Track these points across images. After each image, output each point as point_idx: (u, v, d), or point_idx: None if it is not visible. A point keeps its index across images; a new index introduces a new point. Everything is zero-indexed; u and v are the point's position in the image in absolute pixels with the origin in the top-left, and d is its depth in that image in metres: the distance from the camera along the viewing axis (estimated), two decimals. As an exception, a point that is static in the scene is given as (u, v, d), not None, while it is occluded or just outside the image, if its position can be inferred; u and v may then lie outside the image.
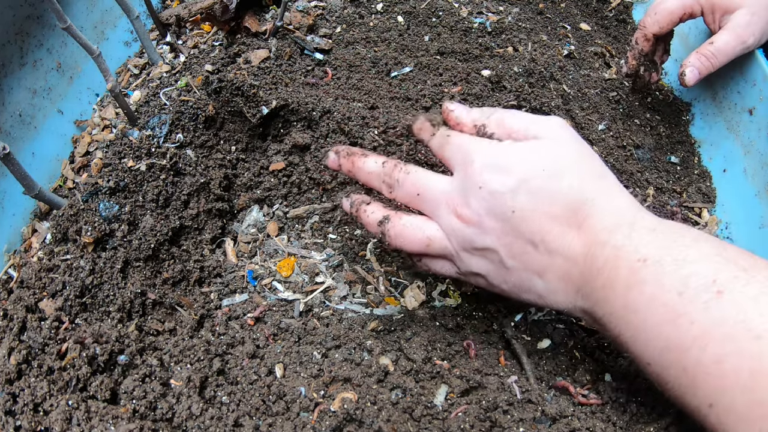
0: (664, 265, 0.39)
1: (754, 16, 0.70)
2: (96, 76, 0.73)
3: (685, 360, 0.37)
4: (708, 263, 0.39)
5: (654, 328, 0.39)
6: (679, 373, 0.38)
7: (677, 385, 0.39)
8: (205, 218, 0.63)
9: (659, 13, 0.74)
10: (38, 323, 0.49)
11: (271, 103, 0.65)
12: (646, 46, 0.76)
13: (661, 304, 0.38)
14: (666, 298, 0.38)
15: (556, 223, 0.43)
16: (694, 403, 0.38)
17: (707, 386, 0.36)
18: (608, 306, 0.42)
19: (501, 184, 0.44)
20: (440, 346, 0.54)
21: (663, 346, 0.39)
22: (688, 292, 0.37)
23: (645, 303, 0.39)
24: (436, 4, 0.83)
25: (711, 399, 0.36)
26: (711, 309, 0.36)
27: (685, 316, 0.37)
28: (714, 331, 0.36)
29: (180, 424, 0.46)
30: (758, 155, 0.71)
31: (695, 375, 0.37)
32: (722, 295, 0.36)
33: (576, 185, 0.43)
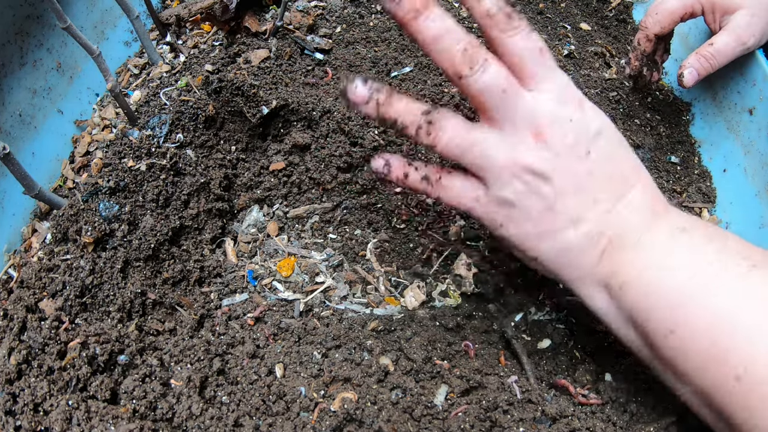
0: (703, 237, 0.41)
1: (755, 17, 0.70)
2: (96, 76, 0.73)
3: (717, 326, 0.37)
4: (741, 245, 0.41)
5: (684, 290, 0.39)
6: (707, 344, 0.38)
7: (701, 355, 0.38)
8: (205, 218, 0.63)
9: (660, 13, 0.74)
10: (38, 323, 0.49)
11: (271, 103, 0.65)
12: (648, 46, 0.76)
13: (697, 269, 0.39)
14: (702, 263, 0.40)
15: (615, 183, 0.43)
16: (713, 376, 0.38)
17: (738, 354, 0.36)
18: (634, 269, 0.41)
19: (589, 122, 0.43)
20: (440, 346, 0.54)
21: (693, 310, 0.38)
22: (725, 261, 0.39)
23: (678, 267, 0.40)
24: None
25: (739, 371, 0.36)
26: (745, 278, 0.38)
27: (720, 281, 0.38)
28: (746, 301, 0.37)
29: (180, 424, 0.46)
30: (758, 155, 0.71)
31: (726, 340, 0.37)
32: (755, 268, 0.38)
33: (635, 160, 0.45)
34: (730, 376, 0.36)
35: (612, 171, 0.43)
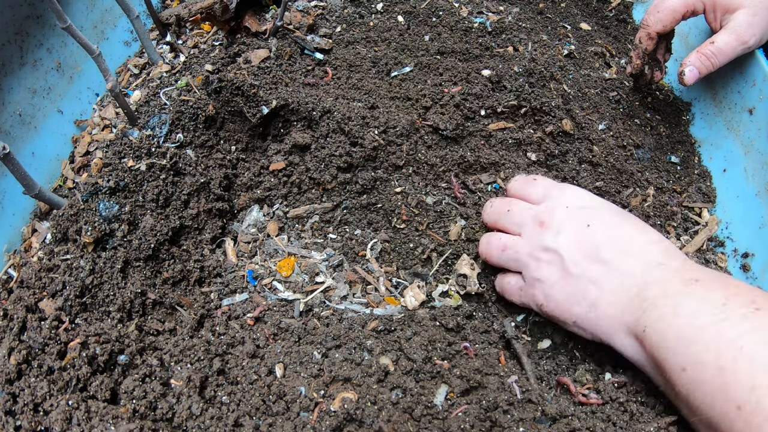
0: (713, 283, 0.46)
1: (756, 17, 0.70)
2: (96, 75, 0.74)
3: (722, 360, 0.41)
4: (748, 290, 0.46)
5: (697, 330, 0.43)
6: (714, 373, 0.41)
7: (710, 385, 0.41)
8: (205, 218, 0.63)
9: (662, 11, 0.74)
10: (38, 323, 0.49)
11: (271, 103, 0.65)
12: (650, 45, 0.76)
13: (706, 311, 0.44)
14: (712, 306, 0.44)
15: (620, 241, 0.52)
16: (724, 406, 0.41)
17: (738, 386, 0.40)
18: (654, 315, 0.46)
19: (585, 204, 0.56)
20: (440, 346, 0.54)
21: (702, 348, 0.42)
22: (731, 303, 0.43)
23: (691, 310, 0.44)
24: (436, 4, 0.82)
25: (740, 401, 0.39)
26: (749, 318, 0.42)
27: (726, 321, 0.42)
28: (750, 336, 0.41)
29: (180, 424, 0.46)
30: (758, 155, 0.71)
31: (728, 373, 0.40)
32: (759, 311, 0.42)
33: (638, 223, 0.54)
34: (732, 406, 0.40)
35: (614, 234, 0.52)
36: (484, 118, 0.70)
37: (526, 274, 0.55)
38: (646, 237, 0.52)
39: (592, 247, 0.52)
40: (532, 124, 0.71)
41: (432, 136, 0.67)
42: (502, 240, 0.59)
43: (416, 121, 0.67)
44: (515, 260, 0.57)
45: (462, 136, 0.69)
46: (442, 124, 0.67)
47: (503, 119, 0.71)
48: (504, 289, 0.59)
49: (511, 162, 0.69)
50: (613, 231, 0.53)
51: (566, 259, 0.52)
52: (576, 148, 0.71)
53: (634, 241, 0.52)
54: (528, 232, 0.56)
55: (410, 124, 0.66)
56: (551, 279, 0.53)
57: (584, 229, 0.53)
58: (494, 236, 0.60)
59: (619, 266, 0.50)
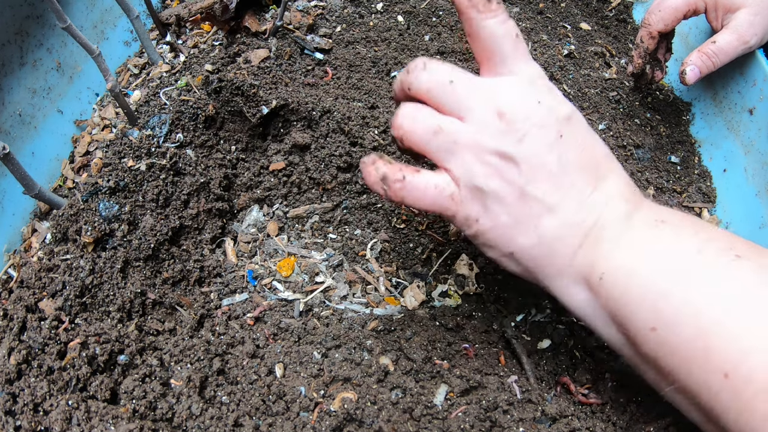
0: (683, 228, 0.39)
1: (757, 17, 0.70)
2: (96, 75, 0.73)
3: (702, 319, 0.35)
4: (724, 235, 0.39)
5: (669, 283, 0.37)
6: (693, 334, 0.35)
7: (687, 349, 0.36)
8: (205, 218, 0.63)
9: (664, 10, 0.73)
10: (38, 323, 0.49)
11: (271, 103, 0.65)
12: (652, 44, 0.76)
13: (679, 259, 0.37)
14: (684, 254, 0.37)
15: (588, 169, 0.41)
16: (706, 373, 0.35)
17: (726, 350, 0.34)
18: (614, 261, 0.39)
19: (558, 106, 0.41)
20: (440, 345, 0.54)
21: (678, 305, 0.36)
22: (707, 251, 0.37)
23: (660, 257, 0.37)
24: (436, 4, 0.82)
25: (728, 367, 0.34)
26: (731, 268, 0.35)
27: (704, 271, 0.36)
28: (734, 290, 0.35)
29: (180, 424, 0.46)
30: (758, 155, 0.71)
31: (712, 335, 0.34)
32: (741, 259, 0.36)
33: (606, 148, 0.44)
34: (717, 373, 0.34)
35: (585, 158, 0.41)
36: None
37: (465, 179, 0.41)
38: (613, 169, 0.43)
39: (560, 166, 0.40)
40: (532, 124, 0.71)
41: (432, 136, 0.67)
42: (436, 118, 0.41)
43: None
44: (451, 152, 0.41)
45: (462, 136, 0.69)
46: (442, 124, 0.67)
47: (503, 119, 0.71)
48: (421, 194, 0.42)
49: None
50: (587, 151, 0.41)
51: (524, 172, 0.40)
52: (576, 148, 0.71)
53: (602, 166, 0.42)
54: (477, 120, 0.40)
55: (410, 124, 0.66)
56: (500, 194, 0.40)
57: (556, 140, 0.40)
58: (424, 109, 0.41)
59: (584, 196, 0.40)
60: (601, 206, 0.41)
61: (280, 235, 0.65)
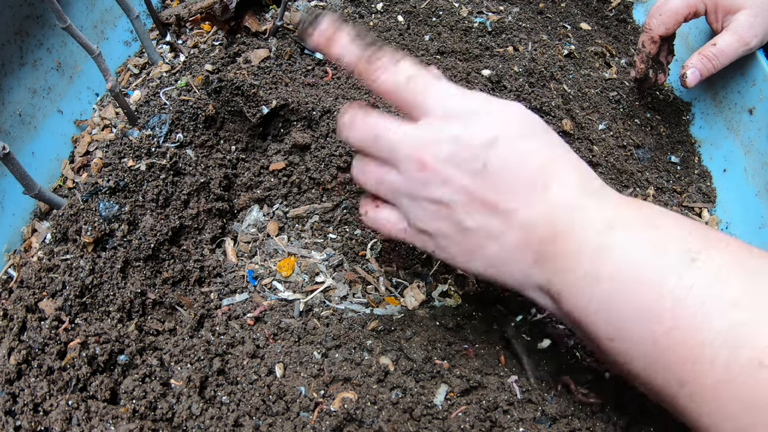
0: (635, 228, 0.38)
1: (758, 18, 0.70)
2: (96, 75, 0.73)
3: (657, 330, 0.34)
4: (680, 231, 0.37)
5: (623, 295, 0.36)
6: (649, 346, 0.35)
7: (645, 361, 0.36)
8: (205, 218, 0.63)
9: (664, 14, 0.73)
10: (38, 323, 0.49)
11: (271, 103, 0.65)
12: (654, 48, 0.76)
13: (632, 268, 0.36)
14: (637, 263, 0.36)
15: (522, 186, 0.41)
16: (661, 381, 0.35)
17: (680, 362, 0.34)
18: (569, 275, 0.39)
19: (476, 135, 0.41)
20: (440, 345, 0.54)
21: (632, 316, 0.36)
22: (664, 258, 0.36)
23: (613, 268, 0.37)
24: (436, 4, 0.82)
25: (684, 377, 0.34)
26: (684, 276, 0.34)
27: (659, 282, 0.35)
28: (689, 300, 0.34)
29: (180, 424, 0.46)
30: (758, 155, 0.71)
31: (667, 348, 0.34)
32: (697, 262, 0.35)
33: (546, 149, 0.42)
34: (673, 383, 0.35)
35: (518, 175, 0.41)
36: (484, 118, 0.70)
37: (410, 220, 0.45)
38: (555, 170, 0.41)
39: (490, 194, 0.41)
40: (532, 124, 0.71)
41: (432, 136, 0.67)
42: (377, 170, 0.45)
43: (416, 121, 0.67)
44: (394, 198, 0.45)
45: (462, 136, 0.69)
46: (442, 124, 0.67)
47: (503, 119, 0.71)
48: (380, 226, 0.48)
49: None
50: (516, 171, 0.41)
51: (458, 212, 0.41)
52: (576, 148, 0.71)
53: (539, 180, 0.41)
54: (405, 171, 0.43)
55: (410, 124, 0.66)
56: (442, 232, 0.43)
57: (479, 172, 0.40)
58: (370, 165, 0.46)
59: (521, 216, 0.40)
60: (544, 221, 0.40)
61: (280, 235, 0.65)
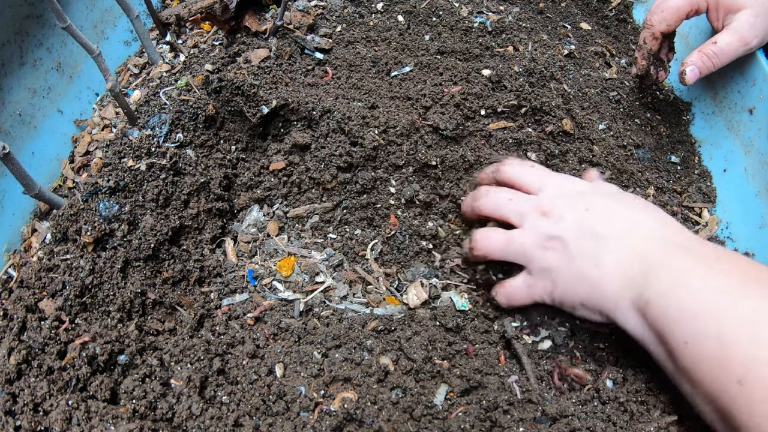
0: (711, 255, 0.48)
1: (758, 18, 0.70)
2: (96, 75, 0.73)
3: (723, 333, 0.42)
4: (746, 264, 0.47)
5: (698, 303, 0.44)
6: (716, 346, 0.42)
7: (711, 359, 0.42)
8: (205, 218, 0.63)
9: (666, 10, 0.73)
10: (38, 323, 0.49)
11: (271, 103, 0.64)
12: (655, 44, 0.76)
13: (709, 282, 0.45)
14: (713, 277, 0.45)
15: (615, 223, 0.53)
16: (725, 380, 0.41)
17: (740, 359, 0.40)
18: (657, 285, 0.47)
19: (580, 189, 0.58)
20: (440, 345, 0.54)
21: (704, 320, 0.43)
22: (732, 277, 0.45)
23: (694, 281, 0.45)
24: (436, 4, 0.82)
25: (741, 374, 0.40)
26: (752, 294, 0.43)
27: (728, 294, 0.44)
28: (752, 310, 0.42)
29: (180, 424, 0.46)
30: (758, 155, 0.71)
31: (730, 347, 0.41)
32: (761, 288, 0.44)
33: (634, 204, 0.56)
34: (733, 380, 0.40)
35: (611, 214, 0.54)
36: (484, 117, 0.70)
37: (534, 267, 0.55)
38: (640, 213, 0.54)
39: (591, 228, 0.53)
40: (532, 123, 0.71)
41: (432, 136, 0.67)
42: (506, 234, 0.58)
43: (416, 121, 0.67)
44: (522, 253, 0.56)
45: (462, 136, 0.69)
46: (442, 123, 0.67)
47: (503, 119, 0.71)
48: (511, 295, 0.58)
49: (511, 162, 0.69)
50: (610, 211, 0.54)
51: (569, 242, 0.53)
52: (576, 148, 0.71)
53: (629, 219, 0.53)
54: (531, 223, 0.56)
55: (410, 123, 0.66)
56: (557, 264, 0.54)
57: (583, 213, 0.54)
58: (495, 230, 0.59)
59: (616, 243, 0.51)
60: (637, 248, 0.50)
61: (280, 235, 0.65)
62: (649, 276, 0.48)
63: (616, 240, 0.52)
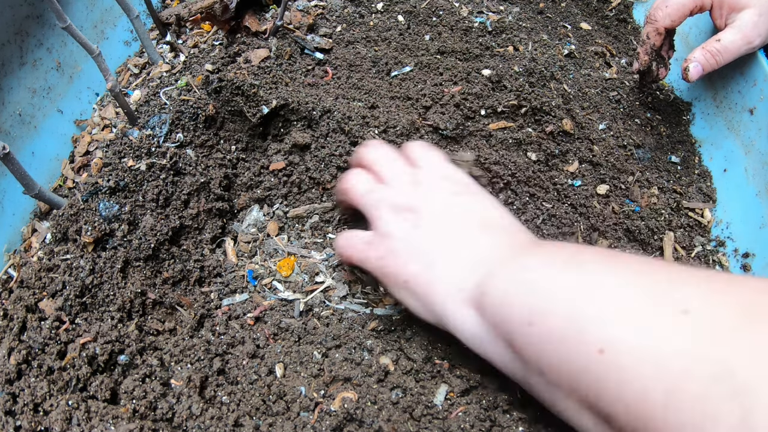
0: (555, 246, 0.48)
1: (762, 17, 0.70)
2: (96, 75, 0.73)
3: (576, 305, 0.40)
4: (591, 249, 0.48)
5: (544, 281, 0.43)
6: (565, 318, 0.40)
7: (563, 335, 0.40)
8: (205, 218, 0.63)
9: (671, 6, 0.73)
10: (38, 323, 0.49)
11: (271, 103, 0.64)
12: (658, 40, 0.76)
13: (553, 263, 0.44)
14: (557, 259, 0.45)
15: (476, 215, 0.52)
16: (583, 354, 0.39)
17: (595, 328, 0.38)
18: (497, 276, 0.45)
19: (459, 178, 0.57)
20: (440, 345, 0.54)
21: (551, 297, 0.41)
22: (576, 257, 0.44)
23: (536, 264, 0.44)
24: (436, 4, 0.82)
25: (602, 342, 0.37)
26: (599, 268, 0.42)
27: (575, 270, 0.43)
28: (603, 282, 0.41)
29: (180, 424, 0.46)
30: (759, 155, 0.71)
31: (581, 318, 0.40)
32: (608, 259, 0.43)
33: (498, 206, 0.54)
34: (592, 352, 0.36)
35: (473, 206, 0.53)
36: (484, 117, 0.70)
37: (379, 227, 0.53)
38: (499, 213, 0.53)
39: (451, 214, 0.52)
40: (532, 123, 0.71)
41: (432, 136, 0.67)
42: (370, 183, 0.57)
43: (416, 121, 0.67)
44: (375, 206, 0.54)
45: (462, 136, 0.69)
46: (442, 123, 0.67)
47: (503, 119, 0.71)
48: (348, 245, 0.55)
49: (511, 162, 0.69)
50: (473, 204, 0.53)
51: (424, 217, 0.51)
52: (576, 148, 0.71)
53: (490, 215, 0.52)
54: (398, 186, 0.55)
55: (410, 123, 0.66)
56: (401, 233, 0.51)
57: (450, 196, 0.53)
58: (364, 174, 0.58)
59: (470, 235, 0.50)
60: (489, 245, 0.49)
61: (280, 234, 0.65)
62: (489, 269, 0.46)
63: (471, 232, 0.50)
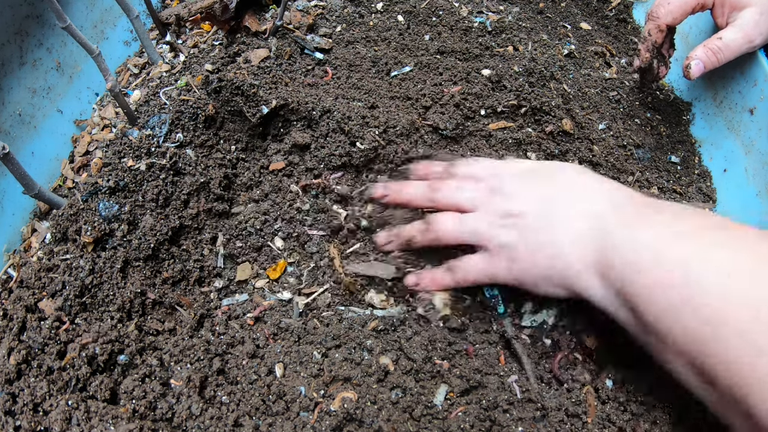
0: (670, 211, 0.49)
1: (763, 16, 0.70)
2: (96, 75, 0.73)
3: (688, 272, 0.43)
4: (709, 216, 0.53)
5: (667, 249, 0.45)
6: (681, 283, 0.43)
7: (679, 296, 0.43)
8: (204, 218, 0.63)
9: (673, 3, 0.73)
10: (38, 323, 0.49)
11: (271, 103, 0.64)
12: (660, 37, 0.76)
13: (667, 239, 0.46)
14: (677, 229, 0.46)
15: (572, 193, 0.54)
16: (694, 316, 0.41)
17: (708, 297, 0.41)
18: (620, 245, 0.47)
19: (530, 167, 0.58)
20: (440, 345, 0.54)
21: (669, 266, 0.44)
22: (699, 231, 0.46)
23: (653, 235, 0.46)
24: (436, 4, 0.82)
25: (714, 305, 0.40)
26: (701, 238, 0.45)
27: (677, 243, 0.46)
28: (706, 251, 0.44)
29: (180, 424, 0.46)
30: (759, 155, 0.71)
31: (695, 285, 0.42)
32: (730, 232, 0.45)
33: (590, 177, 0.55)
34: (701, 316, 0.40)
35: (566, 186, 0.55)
36: (484, 117, 0.70)
37: (491, 245, 0.55)
38: (597, 185, 0.54)
39: (547, 200, 0.54)
40: (532, 123, 0.71)
41: (432, 136, 0.67)
42: (457, 216, 0.57)
43: (416, 121, 0.67)
44: (475, 233, 0.55)
45: (462, 136, 0.69)
46: (442, 123, 0.67)
47: (503, 119, 0.71)
48: (467, 270, 0.57)
49: (511, 162, 0.69)
50: (564, 183, 0.55)
51: (526, 216, 0.53)
52: (576, 148, 0.71)
53: (586, 188, 0.54)
54: (481, 204, 0.56)
55: (410, 123, 0.66)
56: (514, 238, 0.53)
57: (536, 187, 0.55)
58: (446, 214, 0.58)
59: (575, 211, 0.52)
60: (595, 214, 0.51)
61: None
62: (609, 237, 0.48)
63: (574, 208, 0.52)
